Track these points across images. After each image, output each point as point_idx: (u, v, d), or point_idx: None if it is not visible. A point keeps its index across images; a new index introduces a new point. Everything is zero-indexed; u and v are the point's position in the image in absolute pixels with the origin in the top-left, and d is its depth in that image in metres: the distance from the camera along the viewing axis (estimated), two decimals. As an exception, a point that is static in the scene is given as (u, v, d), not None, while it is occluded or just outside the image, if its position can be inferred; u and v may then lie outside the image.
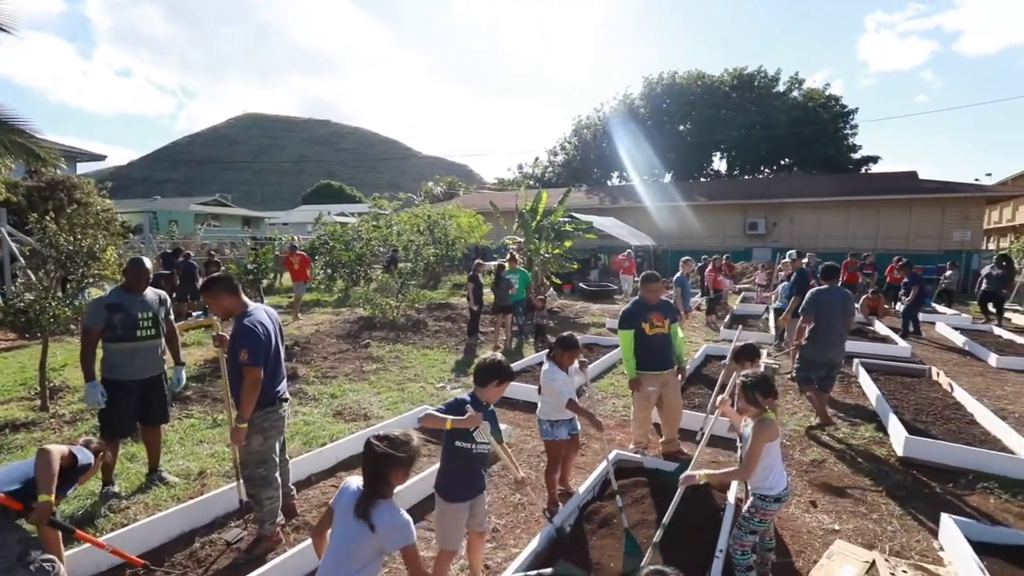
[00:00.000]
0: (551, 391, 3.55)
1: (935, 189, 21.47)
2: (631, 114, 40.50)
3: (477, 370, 2.71)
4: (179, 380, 4.14)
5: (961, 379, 7.19)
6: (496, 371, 2.68)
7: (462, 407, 2.56)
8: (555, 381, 3.53)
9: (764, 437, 2.64)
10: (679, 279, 8.69)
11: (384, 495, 1.96)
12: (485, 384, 2.68)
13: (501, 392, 2.72)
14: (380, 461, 1.94)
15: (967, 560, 2.98)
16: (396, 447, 1.95)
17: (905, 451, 4.61)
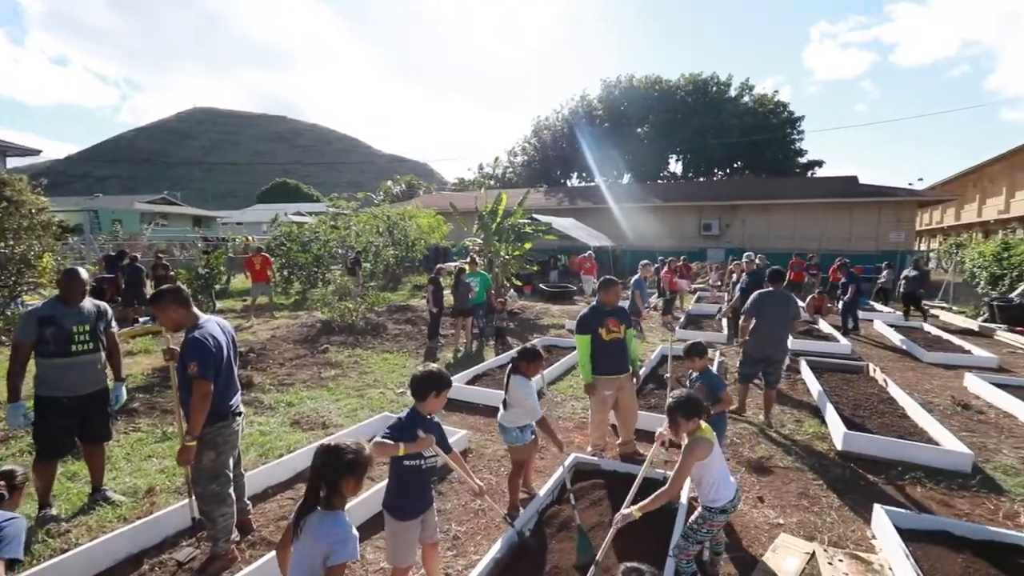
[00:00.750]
0: (523, 404, 3.57)
1: (873, 193, 22.72)
2: (589, 116, 41.13)
3: (413, 384, 2.68)
4: (118, 397, 3.93)
5: (895, 374, 7.66)
6: (433, 382, 2.66)
7: (410, 429, 2.56)
8: (529, 397, 3.55)
9: (693, 456, 2.70)
10: (637, 281, 8.91)
11: (333, 506, 1.93)
12: (424, 397, 2.65)
13: (442, 402, 2.71)
14: (330, 470, 1.91)
15: (895, 547, 3.21)
16: (347, 456, 1.93)
17: (844, 445, 4.90)
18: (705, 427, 2.82)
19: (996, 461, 4.82)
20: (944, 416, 5.94)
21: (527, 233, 14.62)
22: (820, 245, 22.17)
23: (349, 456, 1.94)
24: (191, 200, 70.67)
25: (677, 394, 2.85)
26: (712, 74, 39.79)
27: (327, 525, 1.89)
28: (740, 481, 4.37)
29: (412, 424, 2.60)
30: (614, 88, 40.71)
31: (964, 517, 3.85)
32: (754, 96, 39.33)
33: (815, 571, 3.22)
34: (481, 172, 48.89)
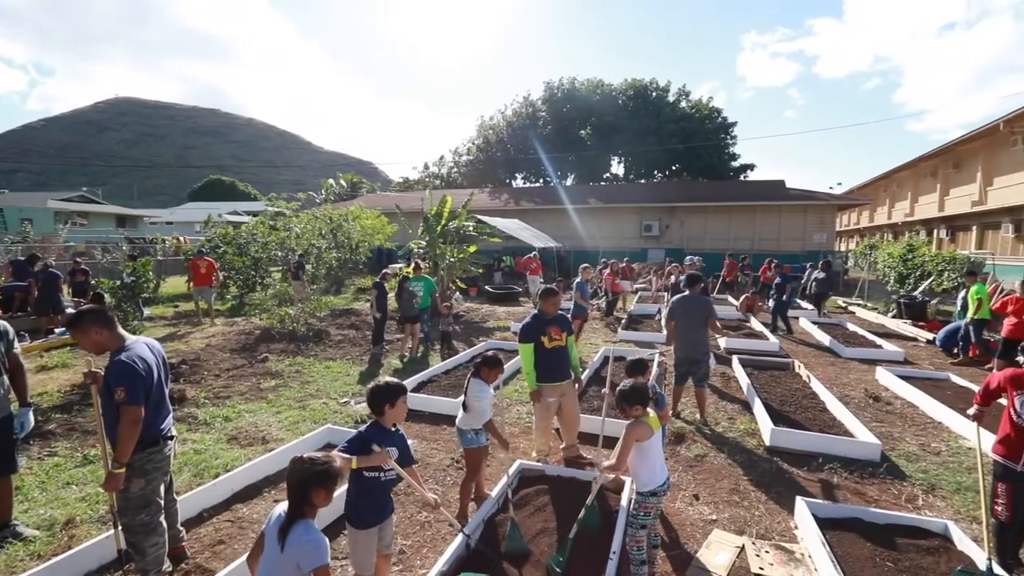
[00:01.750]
0: (476, 407, 3.74)
1: (799, 197, 24.20)
2: (533, 117, 41.56)
3: (369, 400, 2.75)
4: (24, 424, 3.55)
5: (817, 370, 8.22)
6: (385, 394, 2.70)
7: (366, 443, 2.60)
8: (481, 401, 3.75)
9: (632, 435, 2.95)
10: (579, 284, 9.11)
11: (304, 515, 2.01)
12: (381, 411, 2.71)
13: (402, 410, 2.76)
14: (301, 480, 2.00)
15: (813, 536, 3.47)
16: (317, 467, 2.02)
17: (771, 441, 5.23)
18: (653, 417, 3.05)
19: (900, 449, 5.28)
20: (858, 408, 6.44)
21: (472, 235, 14.65)
22: (753, 245, 23.42)
23: (319, 467, 2.02)
24: (113, 198, 66.04)
25: (625, 383, 3.09)
26: (652, 79, 41.18)
27: (297, 533, 1.97)
28: (678, 480, 4.60)
29: (371, 437, 2.64)
30: (557, 91, 41.29)
31: (873, 503, 4.21)
32: (691, 102, 40.97)
33: (744, 564, 3.43)
34: (426, 171, 48.41)
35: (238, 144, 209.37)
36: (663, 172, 41.51)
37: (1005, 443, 3.17)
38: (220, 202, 57.94)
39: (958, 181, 26.14)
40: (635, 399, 3.00)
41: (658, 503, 3.07)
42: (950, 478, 4.67)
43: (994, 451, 3.26)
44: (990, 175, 23.04)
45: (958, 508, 4.19)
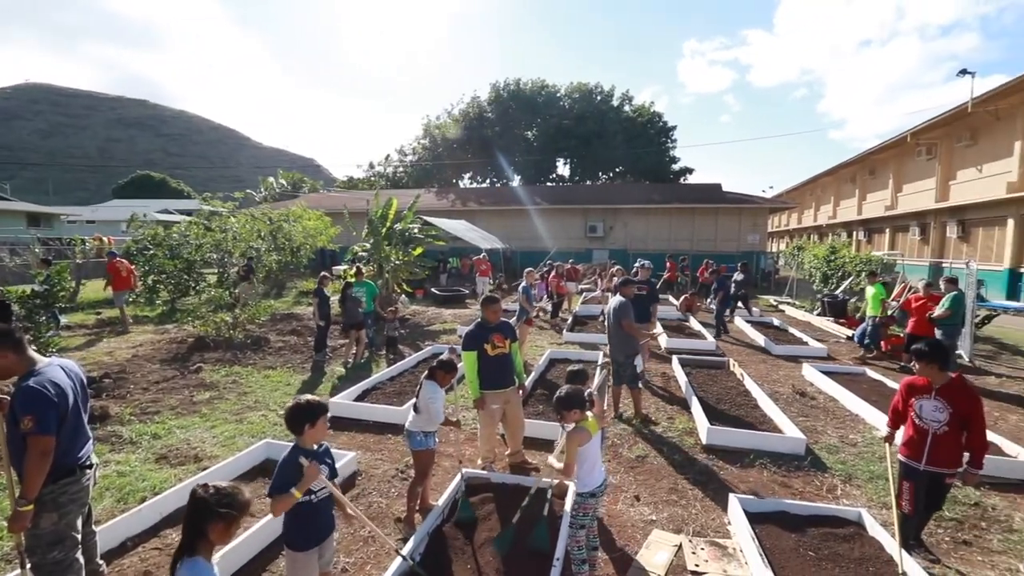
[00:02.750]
0: (429, 410, 3.76)
1: (734, 200, 25.36)
2: (480, 118, 41.50)
3: (288, 421, 2.61)
4: None
5: (750, 367, 8.65)
6: (306, 414, 2.58)
7: (294, 471, 2.51)
8: (434, 403, 3.77)
9: (575, 441, 3.02)
10: (524, 288, 9.18)
11: (195, 550, 1.84)
12: (301, 431, 2.59)
13: (322, 429, 2.65)
14: (197, 512, 1.84)
15: (744, 531, 3.67)
16: (220, 499, 1.85)
17: (707, 439, 5.47)
18: (591, 420, 3.13)
19: (823, 442, 5.65)
20: (787, 404, 6.83)
21: (418, 237, 14.48)
22: (692, 246, 24.36)
23: (217, 498, 1.86)
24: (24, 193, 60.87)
25: (562, 389, 3.17)
26: (597, 83, 42.07)
27: (183, 571, 1.81)
28: (620, 481, 4.73)
29: (294, 461, 2.54)
30: (503, 91, 41.43)
31: (798, 495, 4.49)
32: (634, 107, 42.12)
33: (682, 562, 3.58)
34: (372, 170, 47.41)
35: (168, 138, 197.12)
36: (607, 174, 42.46)
37: (909, 445, 3.45)
38: (149, 200, 54.48)
39: (873, 187, 28.21)
40: (572, 404, 3.08)
41: (596, 503, 3.17)
42: (864, 467, 5.04)
43: (900, 452, 3.55)
44: (900, 182, 25.00)
45: (871, 496, 4.53)
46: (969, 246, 19.28)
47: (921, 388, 3.47)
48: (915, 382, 3.55)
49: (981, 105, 17.22)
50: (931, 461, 3.38)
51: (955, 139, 20.10)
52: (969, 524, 4.09)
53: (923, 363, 3.39)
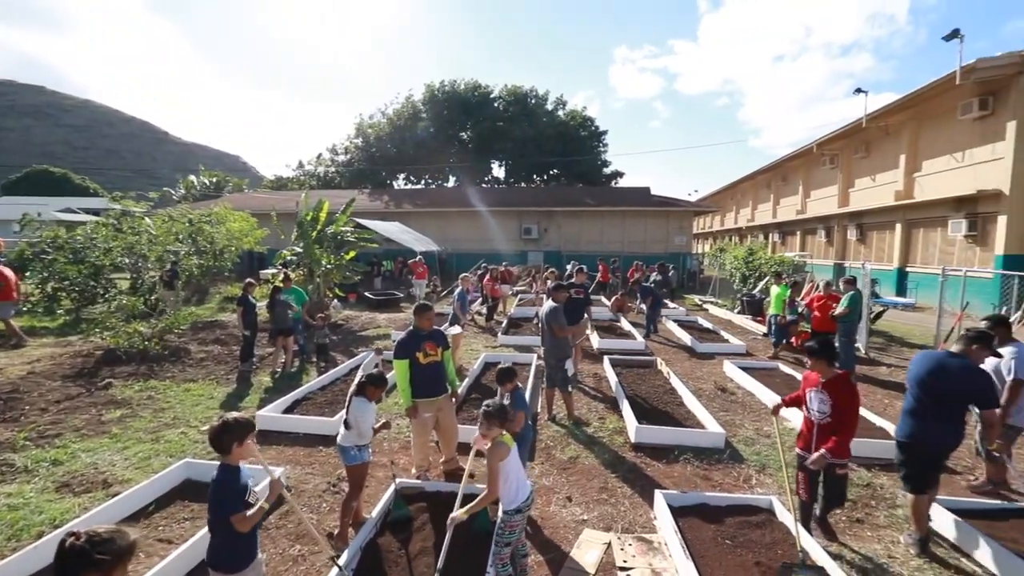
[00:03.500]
0: (359, 426, 3.73)
1: (662, 203, 26.51)
2: (415, 118, 40.99)
3: (213, 441, 2.54)
4: None
5: (676, 365, 9.11)
6: (232, 433, 2.52)
7: (240, 490, 2.51)
8: (365, 421, 3.75)
9: (496, 458, 3.04)
10: (459, 293, 9.20)
11: None
12: (228, 450, 2.53)
13: (249, 447, 2.58)
14: (69, 567, 1.61)
15: (668, 525, 3.89)
16: (96, 546, 1.62)
17: (636, 438, 5.72)
18: (506, 435, 3.17)
19: (740, 435, 6.05)
20: (709, 400, 7.25)
21: (351, 241, 14.13)
22: (623, 248, 25.22)
23: (92, 546, 1.62)
24: None
25: (490, 401, 3.20)
26: (532, 88, 42.66)
27: None
28: (552, 483, 4.86)
29: (237, 481, 2.52)
30: (438, 92, 41.13)
31: (718, 487, 4.80)
32: (567, 111, 43.05)
33: (611, 559, 3.74)
34: (301, 170, 45.63)
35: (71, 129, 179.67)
36: (541, 176, 43.13)
37: (802, 438, 3.79)
38: (48, 197, 49.56)
39: (786, 192, 30.35)
40: (498, 418, 3.08)
41: (523, 519, 3.18)
42: (776, 457, 5.42)
43: (797, 445, 3.88)
44: (808, 188, 27.06)
45: (782, 483, 4.90)
46: (866, 248, 21.17)
47: (812, 381, 3.82)
48: (809, 375, 3.90)
49: (873, 121, 18.97)
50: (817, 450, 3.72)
51: (853, 151, 22.01)
52: (861, 503, 4.53)
53: (814, 359, 3.74)
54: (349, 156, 42.82)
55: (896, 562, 3.74)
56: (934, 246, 17.25)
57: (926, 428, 3.76)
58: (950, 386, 3.70)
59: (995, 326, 4.57)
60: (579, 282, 8.94)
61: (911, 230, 18.42)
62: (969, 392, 3.70)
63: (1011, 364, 4.43)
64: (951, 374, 3.71)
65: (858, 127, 19.79)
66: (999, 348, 4.51)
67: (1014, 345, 4.54)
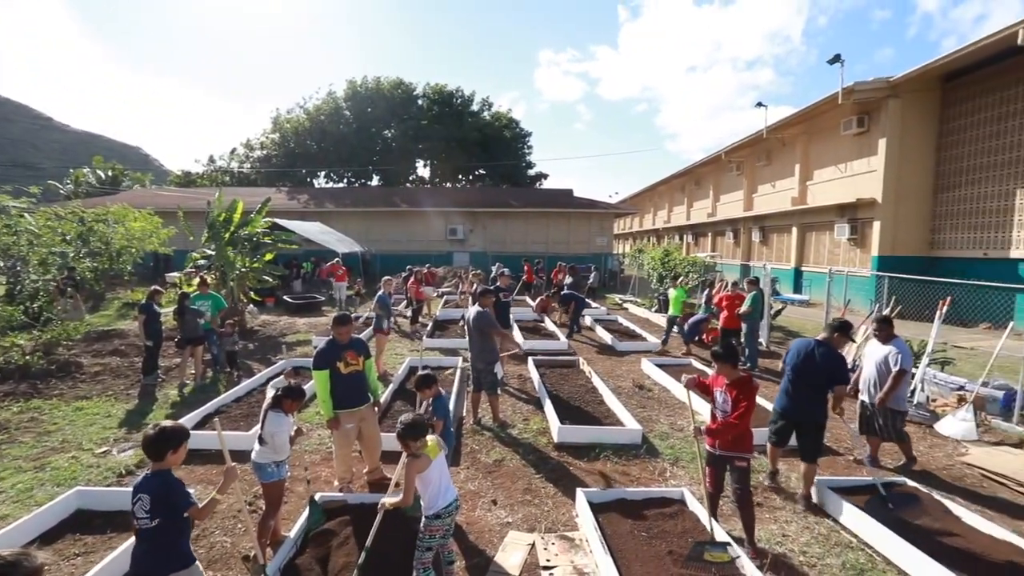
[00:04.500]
0: (275, 441, 3.63)
1: (584, 205, 27.35)
2: (336, 114, 39.57)
3: (149, 448, 2.60)
4: None
5: (597, 365, 9.45)
6: (169, 440, 2.59)
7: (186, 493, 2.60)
8: (280, 435, 3.65)
9: (412, 471, 3.07)
10: (380, 297, 9.02)
11: None
12: (163, 458, 2.59)
13: (183, 454, 2.68)
14: None
15: (588, 522, 4.06)
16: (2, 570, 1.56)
17: (559, 438, 5.89)
18: (431, 445, 3.19)
19: (656, 430, 6.40)
20: (627, 398, 7.59)
21: (267, 242, 13.43)
22: (547, 248, 25.75)
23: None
24: None
25: (403, 419, 3.19)
26: (457, 88, 42.42)
27: None
28: (478, 487, 4.92)
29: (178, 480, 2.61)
30: (361, 88, 39.93)
31: (635, 482, 5.06)
32: (492, 112, 43.27)
33: (535, 559, 3.85)
34: (213, 165, 42.71)
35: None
36: (467, 177, 43.12)
37: (709, 433, 4.08)
38: None
39: (698, 196, 32.26)
40: (414, 433, 3.11)
41: (444, 524, 3.22)
42: (688, 449, 5.81)
43: (707, 443, 4.14)
44: (718, 193, 28.94)
45: (693, 475, 5.25)
46: (768, 249, 22.98)
47: (720, 383, 4.13)
48: (715, 378, 4.22)
49: (772, 133, 20.63)
50: (722, 446, 4.03)
51: (756, 159, 23.81)
52: (761, 488, 4.95)
53: (719, 363, 4.02)
54: (266, 152, 40.59)
55: (789, 539, 4.14)
56: (824, 248, 19.03)
57: (799, 404, 4.62)
58: (815, 367, 4.51)
59: (882, 323, 5.42)
60: (503, 285, 9.08)
61: (805, 233, 20.20)
62: (826, 371, 4.49)
63: (897, 357, 5.18)
64: (816, 358, 4.53)
65: (759, 138, 21.42)
66: (884, 343, 5.33)
67: (896, 341, 5.33)
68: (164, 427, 2.62)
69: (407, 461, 3.08)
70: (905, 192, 15.54)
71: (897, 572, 3.73)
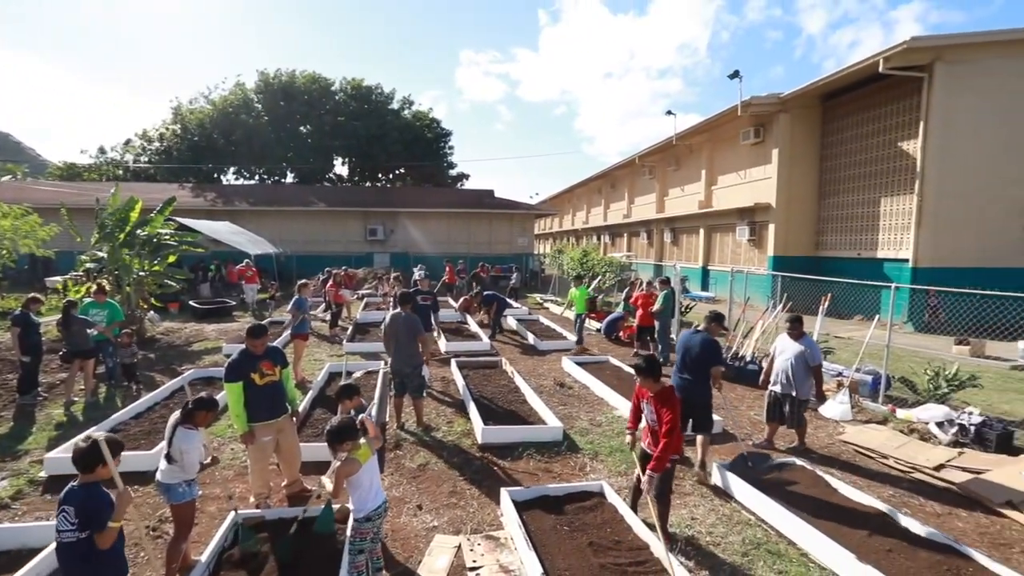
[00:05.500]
0: (183, 460, 3.43)
1: (505, 206, 27.69)
2: (246, 107, 37.19)
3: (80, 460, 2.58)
4: None
5: (519, 364, 9.64)
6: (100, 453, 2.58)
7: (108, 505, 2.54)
8: (191, 453, 3.45)
9: (343, 474, 3.09)
10: (297, 301, 8.68)
11: None
12: (93, 470, 2.60)
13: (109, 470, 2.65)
14: None
15: (513, 520, 4.17)
16: None
17: (483, 439, 5.98)
18: (362, 449, 3.18)
19: (577, 426, 6.65)
20: (549, 396, 7.82)
21: (169, 244, 12.43)
22: (469, 249, 25.81)
23: None
24: None
25: (332, 422, 3.20)
26: (376, 84, 41.21)
27: None
28: (403, 493, 4.90)
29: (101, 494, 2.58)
30: (274, 81, 37.78)
31: (557, 478, 5.24)
32: (413, 111, 42.53)
33: (461, 561, 3.90)
34: (103, 157, 38.74)
35: None
36: (387, 176, 42.20)
37: (645, 437, 4.28)
38: None
39: (615, 198, 33.65)
40: (343, 436, 3.12)
41: (373, 527, 3.24)
42: (607, 443, 6.11)
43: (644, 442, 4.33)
44: (633, 195, 30.35)
45: (611, 467, 5.53)
46: (679, 249, 24.44)
47: (643, 395, 4.31)
48: (640, 390, 4.38)
49: (681, 140, 22.00)
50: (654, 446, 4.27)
51: (667, 164, 25.24)
52: (676, 478, 5.30)
53: (641, 377, 4.15)
54: (166, 144, 37.38)
55: (697, 522, 4.48)
56: (728, 248, 20.54)
57: (687, 384, 5.28)
58: (696, 352, 5.29)
59: (794, 322, 6.08)
60: (424, 289, 9.05)
61: (711, 234, 21.70)
62: (704, 355, 5.26)
63: (811, 354, 5.86)
64: (696, 344, 5.31)
65: (670, 144, 22.74)
66: (796, 340, 5.97)
67: (805, 338, 6.00)
68: (96, 440, 2.62)
69: (340, 464, 3.09)
70: (795, 198, 17.14)
71: (788, 542, 4.16)
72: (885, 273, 14.40)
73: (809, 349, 5.88)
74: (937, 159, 13.28)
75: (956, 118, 13.15)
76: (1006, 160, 13.48)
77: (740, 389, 8.33)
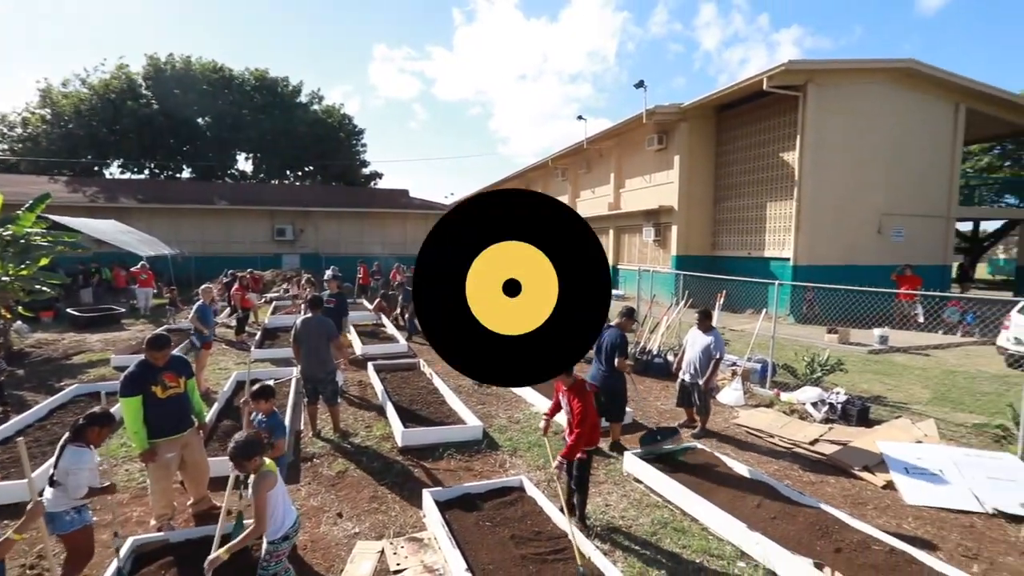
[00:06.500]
0: (68, 482, 3.10)
1: (421, 206, 27.43)
2: (133, 93, 33.82)
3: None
4: None
5: (438, 365, 9.58)
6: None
7: None
8: (79, 475, 3.13)
9: (264, 489, 2.94)
10: (200, 307, 8.15)
11: None
12: None
13: None
14: None
15: (436, 520, 4.23)
16: None
17: (403, 442, 5.96)
18: (269, 462, 3.10)
19: (496, 424, 6.81)
20: (468, 396, 7.90)
21: (42, 245, 11.10)
22: (384, 249, 25.28)
23: None
24: None
25: (237, 438, 3.03)
26: (283, 76, 39.05)
27: None
28: (321, 502, 4.79)
29: None
30: (167, 67, 34.66)
31: (478, 476, 5.35)
32: (323, 107, 40.88)
33: (385, 565, 3.90)
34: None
35: None
36: (296, 174, 40.25)
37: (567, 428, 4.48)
38: None
39: (530, 199, 34.32)
40: (251, 452, 2.98)
41: (290, 545, 3.15)
42: (525, 439, 6.30)
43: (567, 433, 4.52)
44: (547, 197, 31.13)
45: (530, 462, 5.73)
46: (590, 249, 25.38)
47: (560, 388, 4.55)
48: (557, 384, 4.61)
49: (591, 144, 22.91)
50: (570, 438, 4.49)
51: (579, 167, 26.17)
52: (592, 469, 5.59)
53: None
54: (31, 130, 33.12)
55: (611, 508, 4.77)
56: (635, 248, 21.69)
57: (603, 374, 5.88)
58: (605, 345, 5.84)
59: (703, 316, 6.66)
60: (332, 291, 8.82)
61: (620, 235, 22.80)
62: (612, 347, 5.78)
63: (715, 346, 6.37)
64: (606, 338, 5.85)
65: (581, 148, 23.60)
66: (705, 333, 6.48)
67: (713, 331, 6.52)
68: None
69: (255, 482, 2.91)
70: (694, 201, 18.45)
71: (691, 519, 4.55)
72: (771, 271, 15.91)
73: (714, 341, 6.43)
74: (811, 170, 14.89)
75: (825, 134, 14.83)
76: (863, 172, 15.46)
77: (648, 381, 8.88)
